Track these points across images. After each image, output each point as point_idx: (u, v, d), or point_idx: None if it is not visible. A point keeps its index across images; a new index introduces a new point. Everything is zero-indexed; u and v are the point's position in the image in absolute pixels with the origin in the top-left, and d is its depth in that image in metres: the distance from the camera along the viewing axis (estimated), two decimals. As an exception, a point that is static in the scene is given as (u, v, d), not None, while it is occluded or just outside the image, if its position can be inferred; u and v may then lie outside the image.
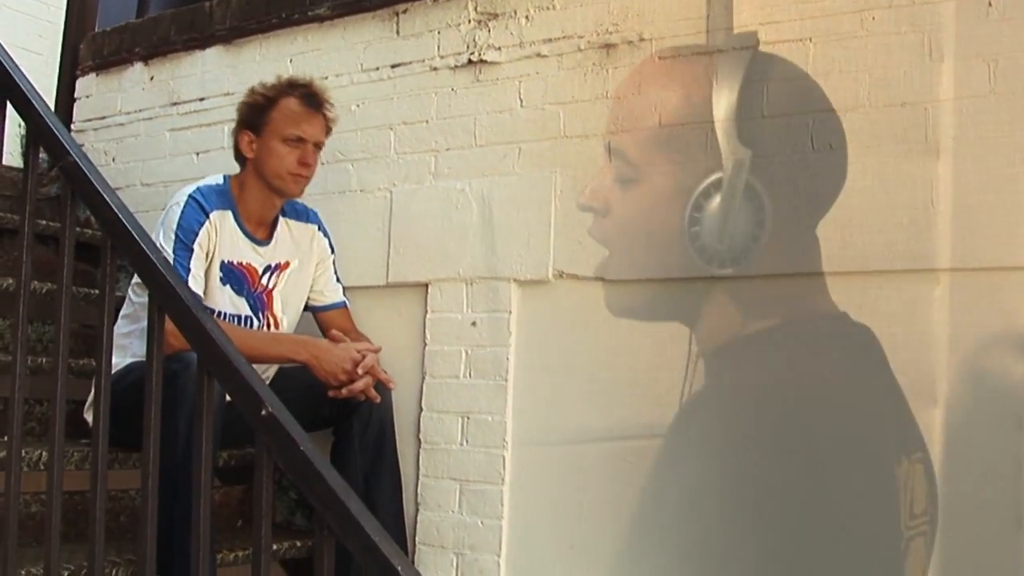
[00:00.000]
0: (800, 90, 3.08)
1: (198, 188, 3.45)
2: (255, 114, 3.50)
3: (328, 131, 3.57)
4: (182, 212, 3.36)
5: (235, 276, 3.45)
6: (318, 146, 3.52)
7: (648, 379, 3.24)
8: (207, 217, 3.38)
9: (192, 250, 3.32)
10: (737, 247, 3.12)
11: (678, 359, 3.21)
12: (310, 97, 3.51)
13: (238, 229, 3.46)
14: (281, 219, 3.59)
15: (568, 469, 3.36)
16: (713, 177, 3.18)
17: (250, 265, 3.48)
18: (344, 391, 3.33)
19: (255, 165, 3.49)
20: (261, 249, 3.52)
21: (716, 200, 3.17)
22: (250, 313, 3.48)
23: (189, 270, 3.28)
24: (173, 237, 3.31)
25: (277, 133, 3.45)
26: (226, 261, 3.43)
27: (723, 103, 3.20)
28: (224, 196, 3.47)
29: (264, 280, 3.52)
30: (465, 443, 3.51)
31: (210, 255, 3.39)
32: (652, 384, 3.23)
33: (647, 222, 3.28)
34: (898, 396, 2.86)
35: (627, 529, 3.23)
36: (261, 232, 3.53)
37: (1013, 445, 2.72)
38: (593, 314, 3.35)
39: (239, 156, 3.54)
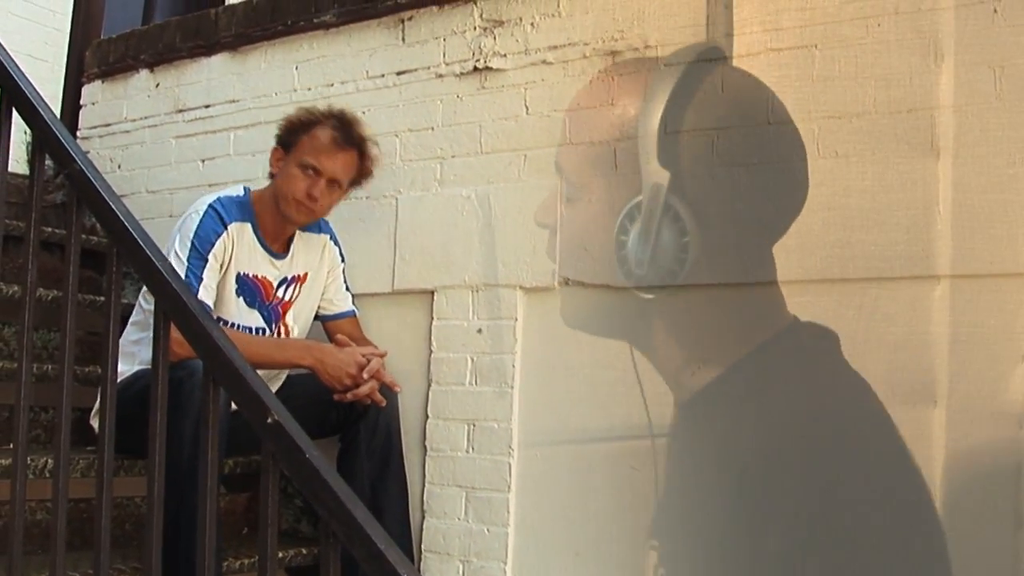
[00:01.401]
0: (804, 97, 3.08)
1: (219, 198, 3.44)
2: (289, 133, 3.49)
3: (360, 171, 3.52)
4: (200, 221, 3.35)
5: (248, 288, 3.45)
6: (335, 183, 3.46)
7: (653, 385, 3.23)
8: (225, 228, 3.37)
9: (207, 260, 3.31)
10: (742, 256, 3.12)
11: (683, 365, 3.20)
12: (341, 132, 3.46)
13: (256, 242, 3.46)
14: (296, 232, 3.58)
15: (574, 476, 3.36)
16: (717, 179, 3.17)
17: (265, 279, 3.48)
18: (349, 395, 3.33)
19: (275, 182, 3.48)
20: (278, 262, 3.51)
21: (718, 208, 3.16)
22: (263, 325, 3.48)
23: (201, 279, 3.28)
24: (189, 245, 3.31)
25: (298, 157, 3.43)
26: (242, 273, 3.42)
27: (726, 110, 3.20)
28: (244, 208, 3.46)
29: (280, 293, 3.52)
30: (471, 450, 3.50)
31: (225, 266, 3.38)
32: (657, 390, 3.22)
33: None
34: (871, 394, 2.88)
35: (633, 536, 3.22)
36: (278, 245, 3.53)
37: (1013, 445, 2.71)
38: (599, 320, 3.35)
39: (270, 171, 3.53)
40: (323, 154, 3.42)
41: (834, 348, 2.97)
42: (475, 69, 3.69)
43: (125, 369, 3.14)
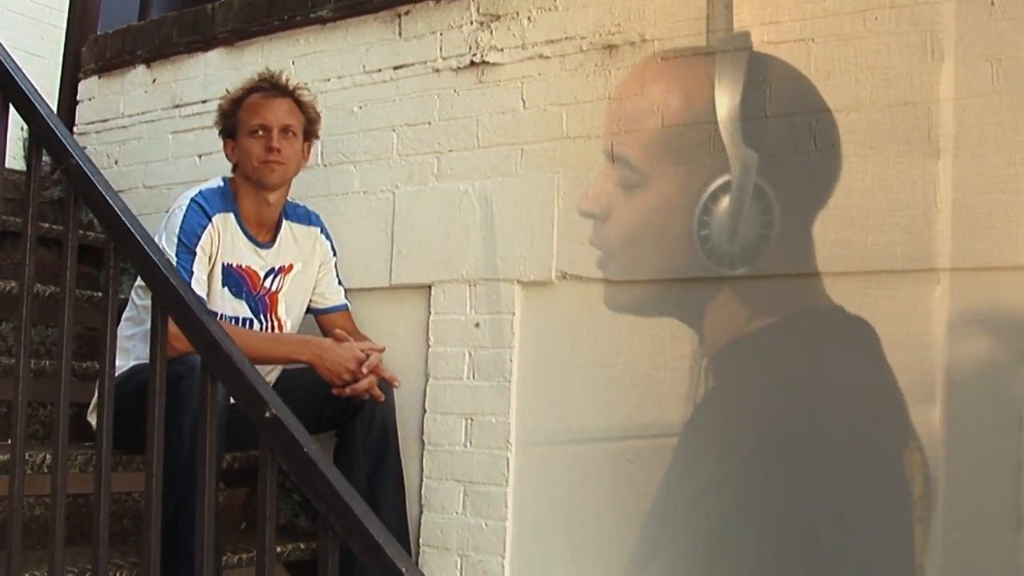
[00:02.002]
0: (800, 90, 3.08)
1: (200, 192, 3.45)
2: (227, 120, 3.55)
3: (306, 114, 3.57)
4: (184, 215, 3.36)
5: (234, 279, 3.45)
6: (288, 130, 3.49)
7: (651, 379, 3.24)
8: (210, 220, 3.38)
9: (195, 253, 3.32)
10: (747, 247, 3.12)
11: (681, 359, 3.20)
12: (267, 86, 3.53)
13: (240, 232, 3.46)
14: (284, 222, 3.58)
15: (572, 470, 3.36)
16: (721, 179, 3.17)
17: (250, 268, 3.48)
18: (348, 390, 3.33)
19: (240, 168, 3.50)
20: (263, 252, 3.52)
21: (724, 202, 3.16)
22: (250, 315, 3.48)
23: (192, 273, 3.28)
24: (176, 241, 3.31)
25: (244, 129, 3.48)
26: (227, 264, 3.43)
27: (725, 104, 3.20)
28: (226, 198, 3.47)
29: (267, 283, 3.52)
30: (469, 444, 3.51)
31: (212, 258, 3.39)
32: (655, 384, 3.23)
33: (651, 224, 3.28)
34: (896, 390, 2.87)
35: (632, 530, 3.22)
36: (264, 235, 3.53)
37: (1013, 445, 2.72)
38: (596, 315, 3.35)
39: (232, 164, 3.55)
40: (260, 110, 3.48)
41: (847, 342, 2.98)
42: (472, 63, 3.69)
43: (121, 364, 3.14)
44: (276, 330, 3.54)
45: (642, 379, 3.25)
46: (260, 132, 3.44)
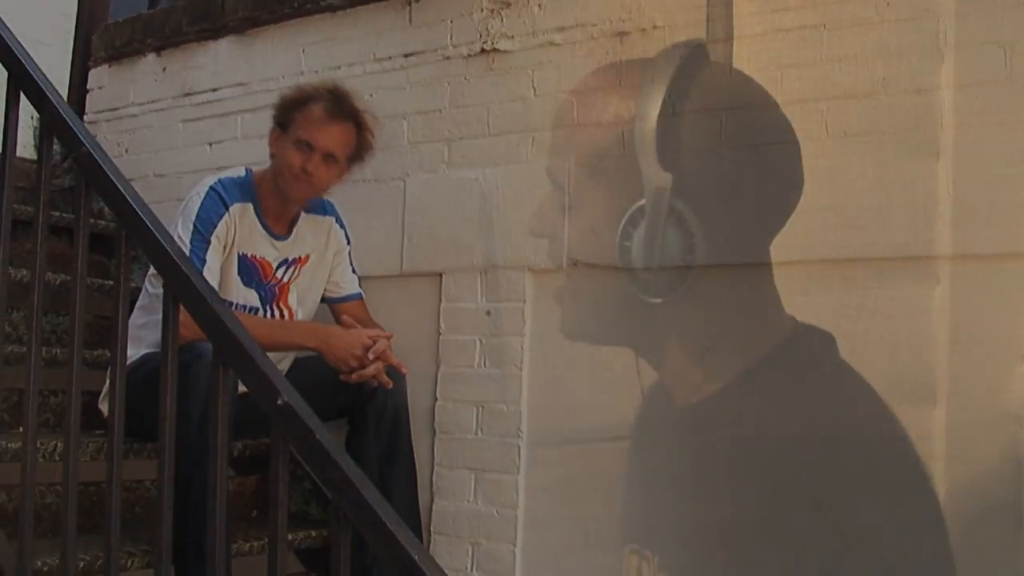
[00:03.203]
0: (811, 77, 3.07)
1: (219, 180, 3.44)
2: (284, 112, 3.47)
3: (359, 144, 3.49)
4: (202, 203, 3.36)
5: (247, 268, 3.44)
6: (331, 157, 3.43)
7: (663, 367, 3.23)
8: (227, 209, 3.37)
9: (209, 242, 3.31)
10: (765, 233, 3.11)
11: (692, 348, 3.20)
12: (333, 105, 3.44)
13: (257, 223, 3.45)
14: (301, 214, 3.58)
15: (584, 458, 3.36)
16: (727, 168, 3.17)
17: (264, 259, 3.47)
18: (355, 376, 3.33)
19: (274, 162, 3.47)
20: (279, 244, 3.51)
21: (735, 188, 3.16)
22: (258, 305, 3.48)
23: (205, 261, 3.27)
24: (191, 228, 3.31)
25: (293, 134, 3.42)
26: (242, 254, 3.42)
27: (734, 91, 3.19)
28: (246, 189, 3.46)
29: (279, 274, 3.52)
30: (480, 432, 3.51)
31: (228, 247, 3.39)
32: (667, 372, 3.22)
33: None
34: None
35: (643, 519, 3.22)
36: (280, 227, 3.53)
37: (1013, 445, 2.71)
38: (608, 302, 3.35)
39: (270, 151, 3.51)
40: (316, 128, 3.40)
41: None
42: (483, 51, 3.68)
43: (132, 352, 3.14)
44: (286, 318, 3.54)
45: (653, 367, 3.25)
46: (305, 148, 3.40)
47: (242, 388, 2.29)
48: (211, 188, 3.39)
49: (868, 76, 2.98)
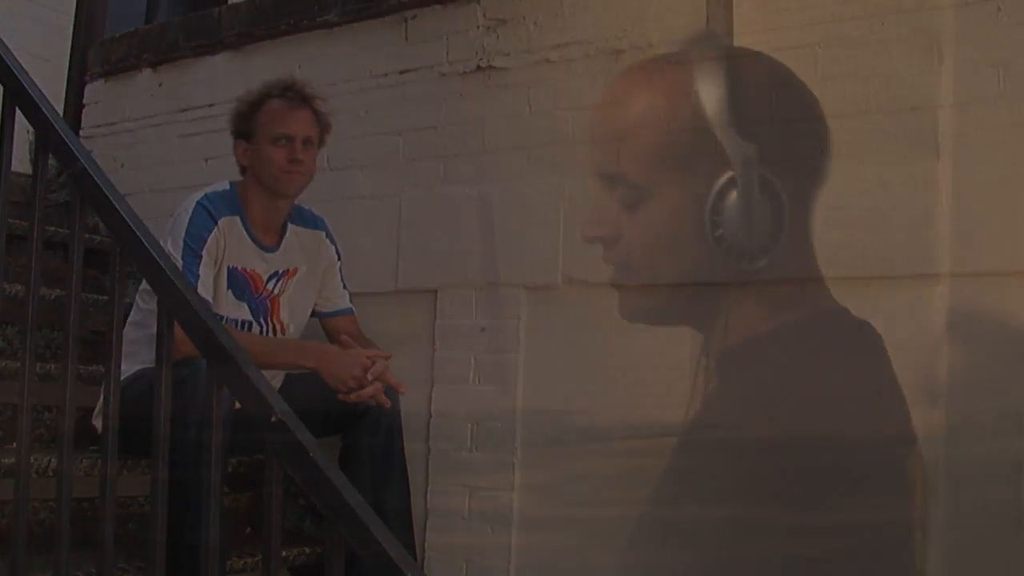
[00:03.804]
0: (804, 95, 3.07)
1: (206, 195, 3.44)
2: (242, 122, 3.51)
3: (321, 124, 3.54)
4: (190, 218, 3.36)
5: (238, 281, 3.44)
6: (309, 141, 3.47)
7: (659, 384, 3.23)
8: (216, 224, 3.37)
9: (201, 257, 3.31)
10: (758, 249, 3.11)
11: (687, 363, 3.20)
12: (291, 93, 3.50)
13: (246, 235, 3.46)
14: (290, 226, 3.58)
15: (578, 475, 3.36)
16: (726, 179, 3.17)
17: (254, 271, 3.47)
18: (353, 396, 3.32)
19: (253, 172, 3.49)
20: (268, 256, 3.51)
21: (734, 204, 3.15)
22: (250, 318, 3.47)
23: (198, 276, 3.27)
24: (182, 244, 3.31)
25: (265, 136, 3.45)
26: (232, 267, 3.42)
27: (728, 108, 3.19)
28: (232, 202, 3.46)
29: (269, 286, 3.52)
30: (475, 449, 3.50)
31: (219, 261, 3.39)
32: (663, 389, 3.22)
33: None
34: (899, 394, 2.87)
35: (639, 536, 3.22)
36: (269, 238, 3.53)
37: (1013, 445, 2.71)
38: (603, 319, 3.34)
39: (240, 165, 3.54)
40: (285, 118, 3.46)
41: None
42: (478, 68, 3.69)
43: (126, 368, 3.12)
44: (278, 333, 3.53)
45: (648, 383, 3.25)
46: (283, 141, 3.43)
47: (236, 404, 2.28)
48: (198, 203, 3.40)
49: (863, 95, 2.98)
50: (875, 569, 2.85)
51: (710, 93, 3.21)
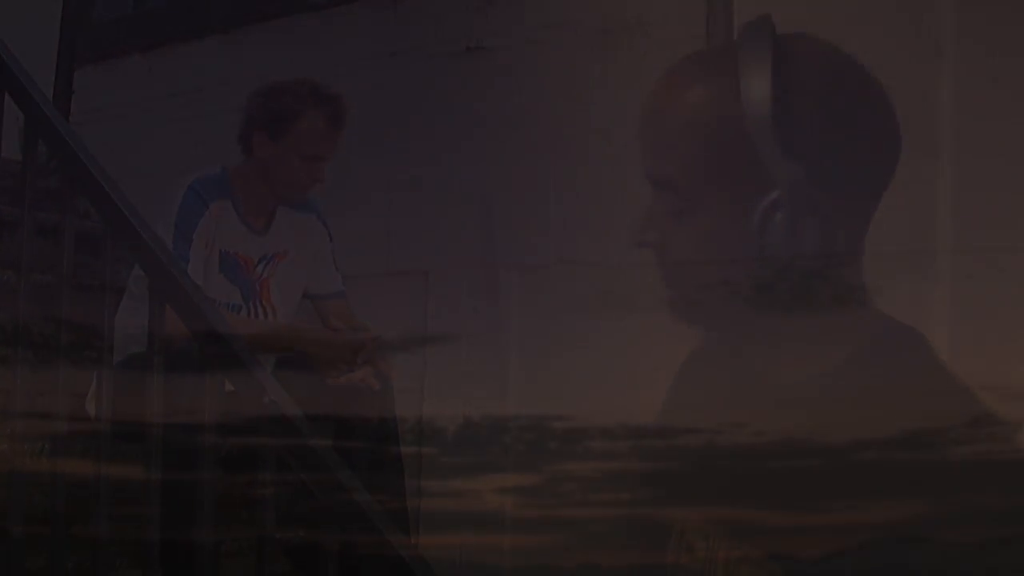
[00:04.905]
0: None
1: (196, 179, 3.42)
2: (275, 119, 3.42)
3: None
4: (181, 204, 3.34)
5: (229, 265, 3.43)
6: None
7: (651, 366, 3.23)
8: (207, 208, 3.36)
9: (192, 241, 3.30)
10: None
11: (683, 349, 3.20)
12: (338, 116, 3.39)
13: (237, 219, 3.44)
14: (280, 208, 3.56)
15: (574, 461, 3.36)
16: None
17: (245, 255, 3.46)
18: (343, 379, 3.32)
19: (262, 167, 3.43)
20: (259, 239, 3.50)
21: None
22: (241, 302, 3.47)
23: (189, 261, 3.26)
24: (172, 228, 3.30)
25: (297, 148, 3.34)
26: (223, 250, 3.41)
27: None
28: (223, 186, 3.44)
29: (259, 269, 3.50)
30: (468, 431, 3.50)
31: (210, 245, 3.38)
32: (656, 371, 3.22)
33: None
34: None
35: (637, 527, 3.22)
36: (260, 222, 3.51)
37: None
38: (595, 299, 3.35)
39: (247, 149, 3.47)
40: (324, 140, 3.37)
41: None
42: (468, 48, 3.68)
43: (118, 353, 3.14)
44: (268, 316, 3.53)
45: (643, 367, 3.25)
46: (313, 161, 3.38)
47: (229, 387, 2.29)
48: (189, 188, 3.37)
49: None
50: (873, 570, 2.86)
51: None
